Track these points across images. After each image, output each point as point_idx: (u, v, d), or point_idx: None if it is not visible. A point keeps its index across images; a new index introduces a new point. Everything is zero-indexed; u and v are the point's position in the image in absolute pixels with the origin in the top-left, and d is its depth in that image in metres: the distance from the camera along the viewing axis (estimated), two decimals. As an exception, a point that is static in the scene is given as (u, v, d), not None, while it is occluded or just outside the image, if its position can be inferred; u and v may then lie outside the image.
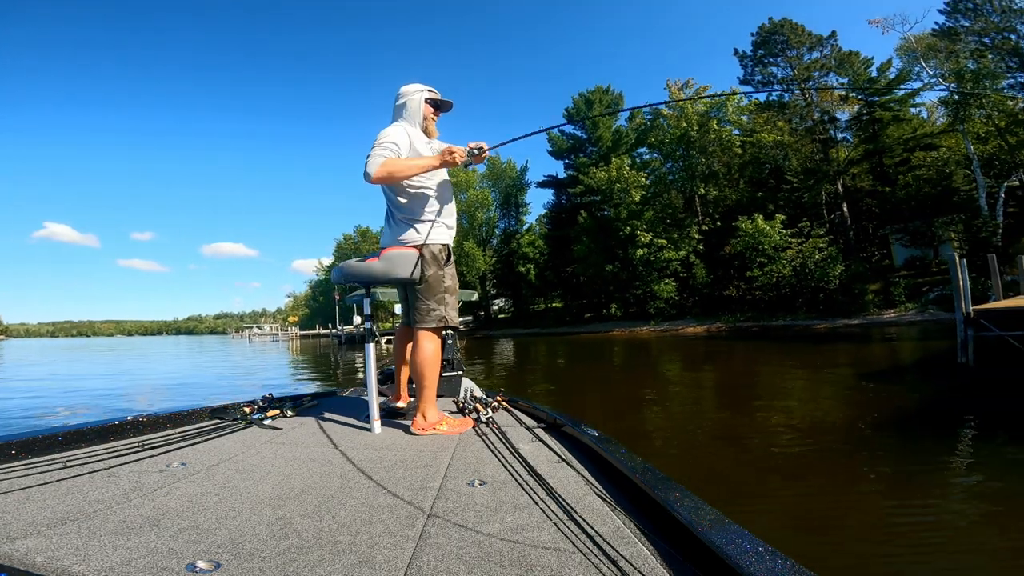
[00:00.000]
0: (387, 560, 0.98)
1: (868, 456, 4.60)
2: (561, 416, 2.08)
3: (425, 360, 2.14)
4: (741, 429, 5.75)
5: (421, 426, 2.08)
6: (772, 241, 25.69)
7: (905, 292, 22.85)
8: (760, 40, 32.21)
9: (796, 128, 30.60)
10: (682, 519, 1.01)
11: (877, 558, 2.72)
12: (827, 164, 29.16)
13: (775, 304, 26.11)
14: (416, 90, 2.28)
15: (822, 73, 30.50)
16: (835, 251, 25.34)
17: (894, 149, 29.05)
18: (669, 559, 0.96)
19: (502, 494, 1.35)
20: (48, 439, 1.75)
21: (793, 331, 22.12)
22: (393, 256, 2.15)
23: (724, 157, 31.87)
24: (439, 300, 2.19)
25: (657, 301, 30.02)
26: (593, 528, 1.10)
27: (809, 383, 9.15)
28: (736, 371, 12.00)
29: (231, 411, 2.39)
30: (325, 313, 49.92)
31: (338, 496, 1.35)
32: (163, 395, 10.84)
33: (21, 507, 1.21)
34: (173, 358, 26.89)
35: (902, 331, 18.33)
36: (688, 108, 31.68)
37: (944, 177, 25.88)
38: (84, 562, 0.93)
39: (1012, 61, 25.36)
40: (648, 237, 30.24)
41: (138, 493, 1.33)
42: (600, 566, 0.95)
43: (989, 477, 3.97)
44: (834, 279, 24.17)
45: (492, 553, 1.01)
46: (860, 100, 29.87)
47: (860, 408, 6.64)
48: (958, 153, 25.88)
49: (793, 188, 29.65)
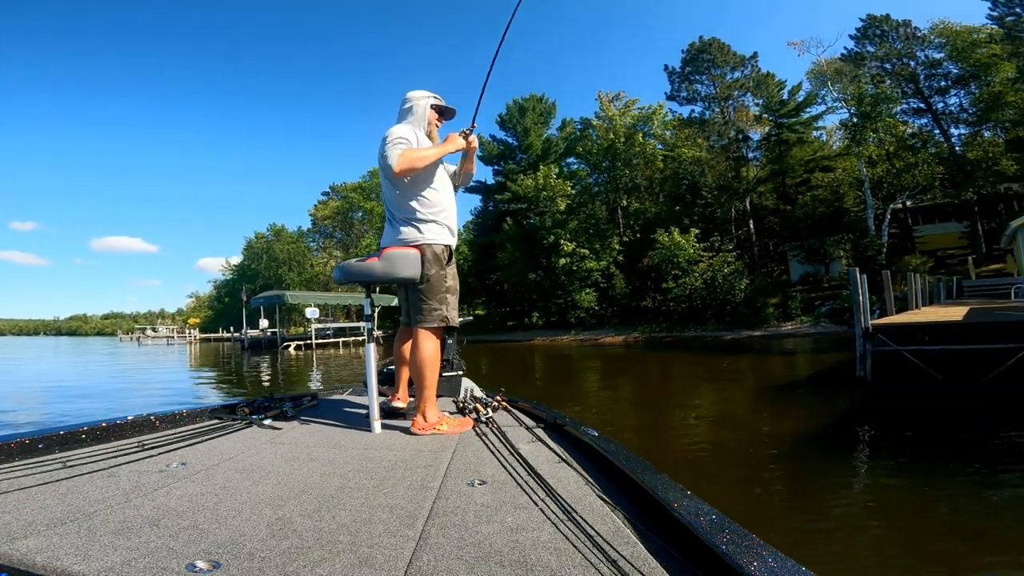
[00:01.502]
0: (387, 560, 0.98)
1: (773, 468, 4.80)
2: (561, 416, 2.08)
3: (425, 359, 2.14)
4: (648, 443, 5.88)
5: (421, 426, 2.08)
6: (686, 254, 26.53)
7: (801, 306, 24.32)
8: (689, 57, 33.55)
9: (713, 145, 32.01)
10: (682, 519, 1.01)
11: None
12: (738, 182, 30.71)
13: (687, 315, 26.95)
14: (422, 96, 2.32)
15: (741, 92, 32.22)
16: (742, 265, 26.61)
17: (796, 170, 31.07)
18: (669, 559, 0.96)
19: (502, 494, 1.35)
20: (48, 439, 1.74)
21: (703, 342, 22.80)
22: (394, 256, 2.14)
23: (647, 171, 32.78)
24: (440, 300, 2.19)
25: (578, 311, 30.11)
26: (593, 528, 1.10)
27: (719, 395, 9.35)
28: (651, 382, 12.25)
29: (231, 411, 2.37)
30: (230, 315, 45.93)
31: (338, 496, 1.35)
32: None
33: (21, 507, 1.21)
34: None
35: (799, 343, 19.41)
36: (617, 120, 32.28)
37: (837, 198, 28.06)
38: (84, 562, 0.93)
39: (908, 87, 28.01)
40: (571, 246, 30.31)
41: (138, 493, 1.34)
42: (600, 566, 0.94)
43: (885, 487, 4.24)
44: (740, 292, 25.31)
45: (492, 553, 1.01)
46: (771, 121, 31.72)
47: (768, 422, 7.02)
48: (851, 176, 28.16)
49: (707, 203, 30.96)
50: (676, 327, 26.62)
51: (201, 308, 72.96)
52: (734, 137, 31.75)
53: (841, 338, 19.09)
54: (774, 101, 31.16)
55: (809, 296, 25.43)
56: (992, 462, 4.72)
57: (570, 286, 30.47)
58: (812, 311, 23.76)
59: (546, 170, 33.08)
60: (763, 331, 23.27)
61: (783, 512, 3.85)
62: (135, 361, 25.52)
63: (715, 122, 32.27)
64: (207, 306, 68.72)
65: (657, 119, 32.87)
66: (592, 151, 33.84)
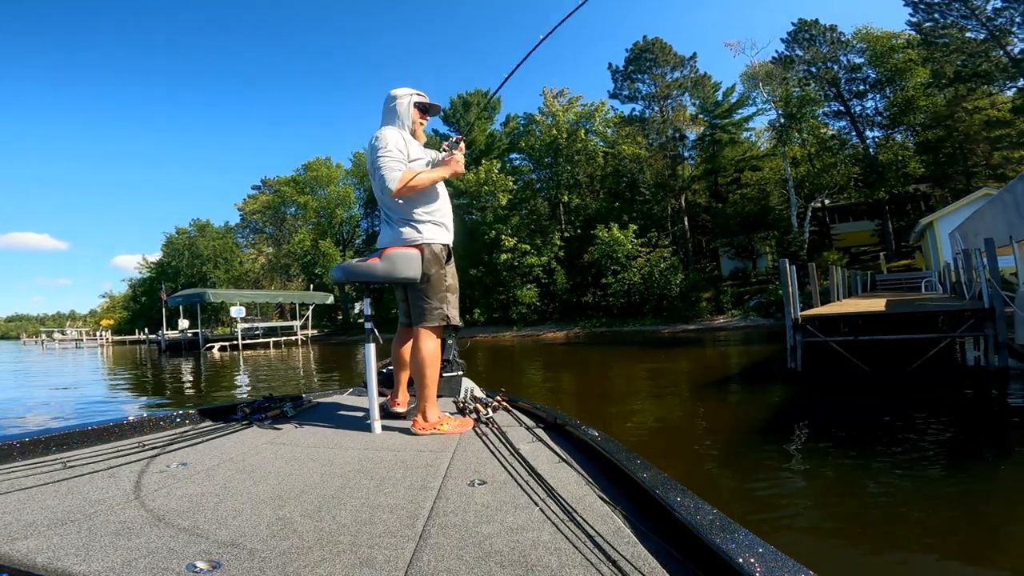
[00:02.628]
0: (387, 560, 0.98)
1: (711, 460, 4.94)
2: (561, 416, 2.08)
3: (426, 358, 2.13)
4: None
5: (421, 426, 2.08)
6: (625, 250, 26.90)
7: (732, 300, 25.20)
8: (633, 56, 34.03)
9: (652, 143, 32.69)
10: (682, 519, 1.01)
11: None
12: (675, 180, 31.49)
13: (626, 310, 27.32)
14: (406, 94, 2.31)
15: (680, 92, 33.00)
16: (677, 261, 27.28)
17: (727, 169, 32.26)
18: (669, 559, 0.96)
19: (502, 494, 1.36)
20: (48, 439, 1.73)
21: (642, 336, 23.14)
22: (395, 256, 2.14)
23: (588, 168, 33.06)
24: (441, 299, 2.19)
25: (520, 306, 29.88)
26: (593, 528, 1.10)
27: (658, 389, 9.22)
28: (592, 376, 12.08)
29: (231, 411, 2.37)
30: (148, 316, 42.42)
31: (338, 496, 1.35)
32: None
33: (21, 507, 1.21)
34: None
35: (730, 335, 19.99)
36: (560, 116, 32.30)
37: (764, 197, 29.37)
38: (84, 562, 0.93)
39: (830, 90, 29.61)
40: (512, 242, 30.00)
41: (138, 493, 1.34)
42: (600, 566, 0.94)
43: (819, 476, 4.38)
44: (675, 287, 25.93)
45: (492, 553, 1.01)
46: (705, 122, 32.69)
47: (705, 416, 6.75)
48: (777, 175, 29.55)
49: (645, 200, 31.56)
50: (616, 322, 26.90)
51: (116, 309, 67.07)
52: (672, 136, 32.51)
53: (769, 331, 19.87)
54: (709, 102, 32.22)
55: (739, 290, 26.41)
56: (918, 450, 4.76)
57: (511, 282, 30.19)
58: (742, 305, 24.66)
59: (488, 164, 32.58)
60: (697, 324, 23.91)
61: (727, 501, 3.88)
62: (27, 367, 22.82)
63: (654, 120, 32.95)
64: (122, 306, 63.27)
65: (599, 116, 33.17)
66: (535, 146, 33.74)
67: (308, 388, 12.75)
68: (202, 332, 29.19)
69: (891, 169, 27.84)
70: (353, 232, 43.15)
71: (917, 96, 27.43)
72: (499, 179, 31.69)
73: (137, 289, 53.96)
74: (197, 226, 46.63)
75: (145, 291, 49.57)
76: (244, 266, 46.08)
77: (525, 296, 29.72)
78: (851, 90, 29.70)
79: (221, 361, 22.14)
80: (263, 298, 35.12)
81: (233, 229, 48.60)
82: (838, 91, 29.51)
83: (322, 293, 36.18)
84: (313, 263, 39.09)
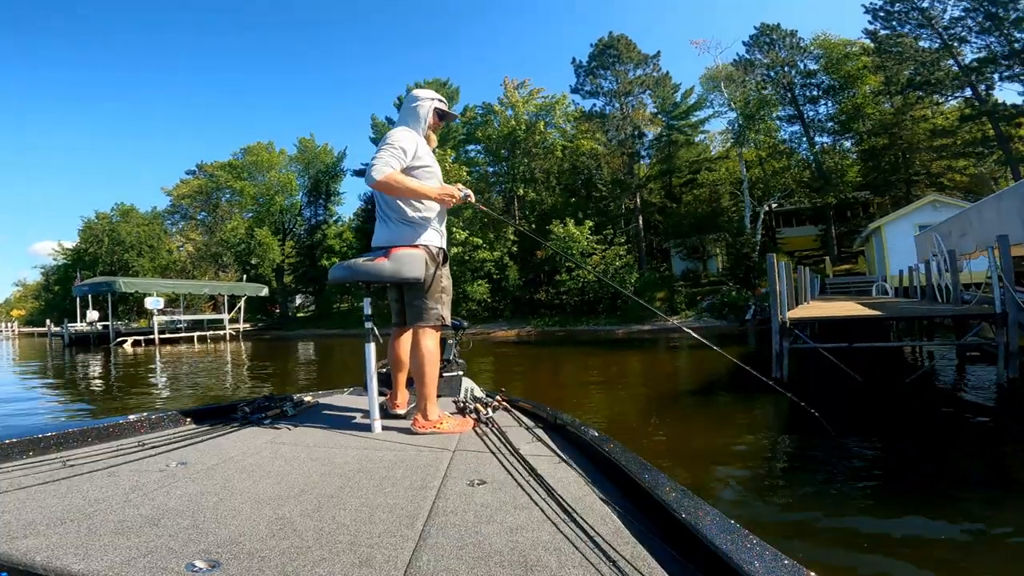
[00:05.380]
0: (387, 560, 0.98)
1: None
2: (561, 416, 2.09)
3: (425, 358, 2.16)
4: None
5: (421, 424, 2.10)
6: (580, 246, 26.17)
7: (685, 301, 24.89)
8: (596, 52, 33.55)
9: (611, 140, 32.32)
10: (682, 519, 1.00)
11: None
12: (631, 178, 31.15)
13: (580, 308, 26.56)
14: (428, 97, 2.36)
15: (641, 89, 32.77)
16: (632, 259, 26.75)
17: (682, 170, 32.29)
18: (669, 559, 0.96)
19: (502, 494, 1.36)
20: (48, 439, 1.74)
21: (596, 335, 22.38)
22: (402, 256, 2.16)
23: (546, 163, 32.25)
24: (437, 299, 2.24)
25: (470, 303, 28.57)
26: (593, 528, 1.10)
27: (619, 399, 7.84)
28: (544, 381, 10.99)
29: (231, 411, 2.37)
30: (62, 307, 38.30)
31: (338, 496, 1.35)
32: None
33: (21, 507, 1.21)
34: None
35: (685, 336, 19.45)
36: (520, 108, 31.38)
37: (716, 198, 29.39)
38: (84, 561, 0.94)
39: (786, 94, 29.92)
40: (463, 235, 28.69)
41: (138, 493, 1.34)
42: (600, 566, 0.94)
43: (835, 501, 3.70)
44: (630, 286, 25.39)
45: (492, 553, 1.01)
46: (662, 122, 32.63)
47: (695, 435, 5.52)
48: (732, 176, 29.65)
49: (601, 197, 31.00)
50: (569, 320, 26.07)
51: (27, 299, 60.95)
52: (630, 133, 32.22)
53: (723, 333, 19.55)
54: (668, 103, 32.15)
55: (692, 291, 26.18)
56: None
57: (462, 277, 28.86)
58: (695, 306, 24.35)
59: (441, 153, 31.13)
60: (652, 325, 23.36)
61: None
62: None
63: (615, 117, 32.57)
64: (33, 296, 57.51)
65: (560, 109, 32.49)
66: (492, 137, 32.63)
67: (236, 388, 11.52)
68: (113, 325, 26.14)
69: (835, 175, 28.42)
70: (295, 221, 40.48)
71: (865, 103, 28.06)
72: (453, 169, 30.30)
73: (50, 277, 48.93)
74: (120, 211, 42.48)
75: (59, 280, 44.89)
76: (172, 255, 42.42)
77: (476, 292, 28.46)
78: (805, 95, 30.16)
79: (134, 357, 19.97)
80: (187, 288, 32.07)
81: (161, 215, 44.69)
82: (792, 96, 29.89)
83: (256, 284, 33.50)
84: (248, 252, 36.25)
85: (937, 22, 26.08)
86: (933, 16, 26.00)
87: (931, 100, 27.01)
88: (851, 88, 28.52)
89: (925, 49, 26.68)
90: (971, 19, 25.10)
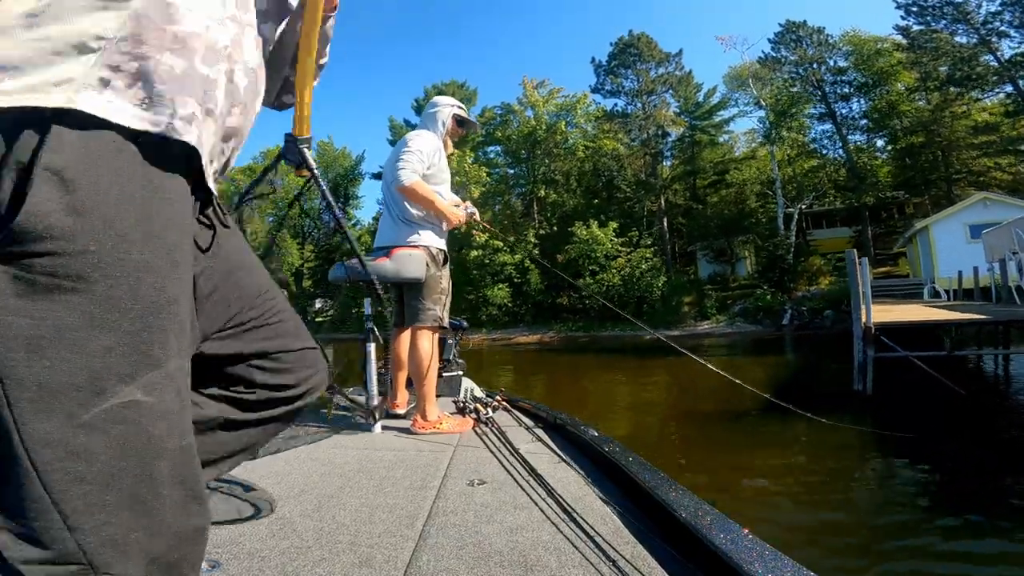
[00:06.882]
0: (387, 560, 0.98)
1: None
2: (561, 416, 2.07)
3: (423, 358, 2.17)
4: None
5: (421, 424, 2.11)
6: (604, 249, 25.44)
7: (716, 305, 24.00)
8: (617, 51, 33.04)
9: (633, 140, 31.67)
10: (682, 519, 1.00)
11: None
12: (655, 178, 30.39)
13: (604, 313, 25.83)
14: (449, 104, 2.45)
15: (664, 88, 32.14)
16: (659, 262, 25.95)
17: (706, 171, 31.41)
18: (669, 559, 0.96)
19: (502, 494, 1.35)
20: None
21: (622, 341, 21.57)
22: (403, 256, 2.20)
23: (566, 164, 31.67)
24: (435, 300, 2.25)
25: (490, 307, 27.97)
26: (593, 528, 1.09)
27: (657, 417, 7.11)
28: (573, 395, 10.05)
29: None
30: None
31: (338, 496, 1.34)
32: None
33: None
34: None
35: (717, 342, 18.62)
36: (540, 108, 30.93)
37: (743, 200, 28.46)
38: None
39: (816, 92, 29.02)
40: (484, 237, 28.15)
41: None
42: (600, 566, 0.94)
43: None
44: (657, 290, 24.56)
45: (492, 553, 1.01)
46: (685, 122, 31.84)
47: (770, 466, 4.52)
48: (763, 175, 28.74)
49: (625, 198, 30.30)
50: (593, 325, 25.30)
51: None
52: (653, 133, 31.51)
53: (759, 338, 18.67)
54: (691, 102, 31.40)
55: (722, 295, 25.28)
56: None
57: (482, 281, 28.29)
58: (726, 311, 23.44)
59: (460, 154, 30.67)
60: (680, 330, 22.51)
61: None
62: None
63: (637, 116, 31.89)
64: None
65: (580, 109, 31.94)
66: (512, 138, 32.16)
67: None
68: None
69: (870, 175, 27.36)
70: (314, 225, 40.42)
71: (900, 101, 26.99)
72: (472, 170, 29.84)
73: None
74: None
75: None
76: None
77: (496, 296, 27.85)
78: (836, 92, 29.17)
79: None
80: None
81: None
82: (823, 93, 28.93)
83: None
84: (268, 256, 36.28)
85: (973, 17, 25.01)
86: (968, 11, 24.96)
87: (970, 97, 25.85)
88: (884, 85, 27.46)
89: (962, 45, 25.62)
90: (1008, 13, 24.07)
